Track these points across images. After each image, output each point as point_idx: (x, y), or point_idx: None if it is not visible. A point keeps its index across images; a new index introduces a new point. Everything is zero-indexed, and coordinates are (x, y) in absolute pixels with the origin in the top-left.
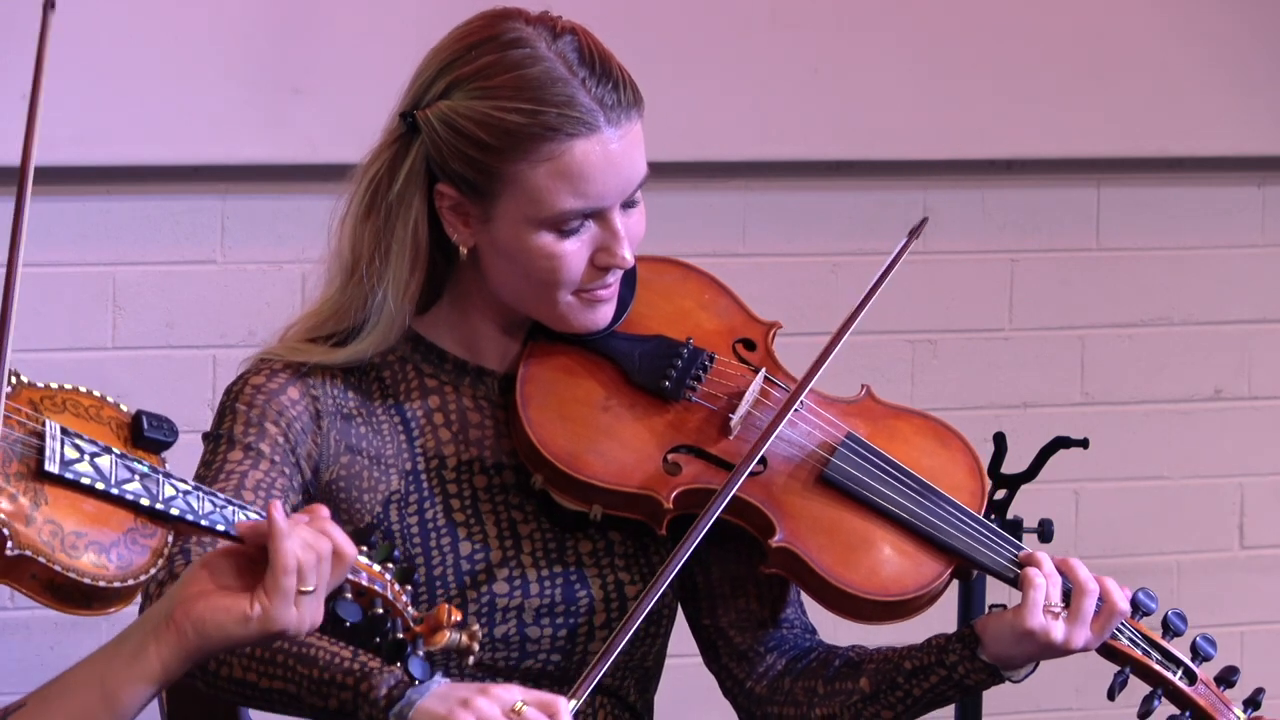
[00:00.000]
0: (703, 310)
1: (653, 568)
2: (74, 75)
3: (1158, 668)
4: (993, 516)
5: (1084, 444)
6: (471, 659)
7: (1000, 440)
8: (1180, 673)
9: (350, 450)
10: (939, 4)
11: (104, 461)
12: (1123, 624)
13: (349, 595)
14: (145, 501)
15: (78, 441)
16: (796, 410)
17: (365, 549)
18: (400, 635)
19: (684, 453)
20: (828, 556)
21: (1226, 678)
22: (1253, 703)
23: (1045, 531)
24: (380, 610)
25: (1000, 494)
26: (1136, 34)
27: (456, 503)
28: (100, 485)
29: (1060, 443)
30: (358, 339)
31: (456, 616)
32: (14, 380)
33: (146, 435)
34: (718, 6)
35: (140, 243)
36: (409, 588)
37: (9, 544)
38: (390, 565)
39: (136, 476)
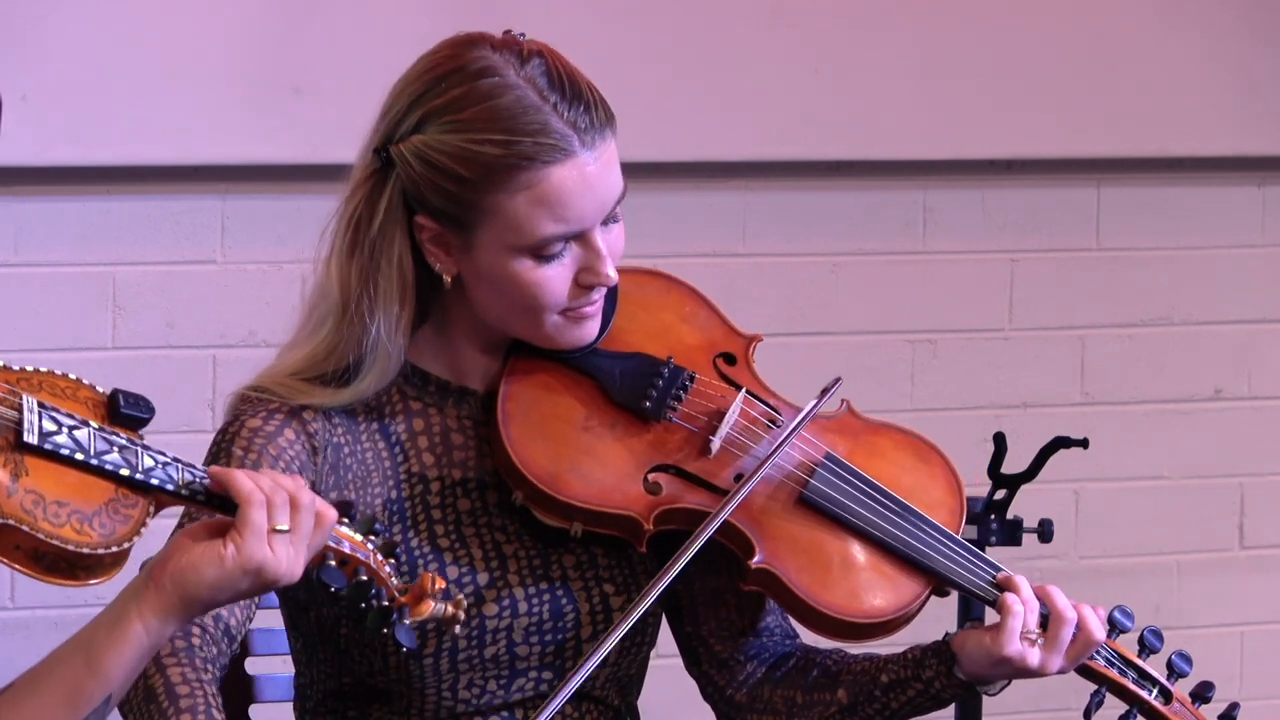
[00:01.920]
0: (684, 324)
1: (636, 578)
2: (74, 75)
3: (1133, 687)
4: (993, 516)
5: (1084, 444)
6: (458, 628)
7: (1000, 440)
8: (1156, 691)
9: (339, 485)
10: (939, 4)
11: (82, 434)
12: None
13: (332, 562)
14: (125, 471)
15: (55, 415)
16: (773, 430)
17: (346, 521)
18: (386, 603)
19: (664, 472)
20: (806, 577)
21: (1202, 694)
22: (1227, 718)
23: (1045, 531)
24: (364, 578)
25: (1000, 494)
26: (1136, 34)
27: (441, 528)
28: (80, 456)
29: (1060, 443)
30: (358, 379)
31: (440, 585)
32: None
33: (123, 412)
34: (718, 6)
35: (140, 243)
36: (392, 560)
37: None
38: (373, 537)
39: (115, 448)
